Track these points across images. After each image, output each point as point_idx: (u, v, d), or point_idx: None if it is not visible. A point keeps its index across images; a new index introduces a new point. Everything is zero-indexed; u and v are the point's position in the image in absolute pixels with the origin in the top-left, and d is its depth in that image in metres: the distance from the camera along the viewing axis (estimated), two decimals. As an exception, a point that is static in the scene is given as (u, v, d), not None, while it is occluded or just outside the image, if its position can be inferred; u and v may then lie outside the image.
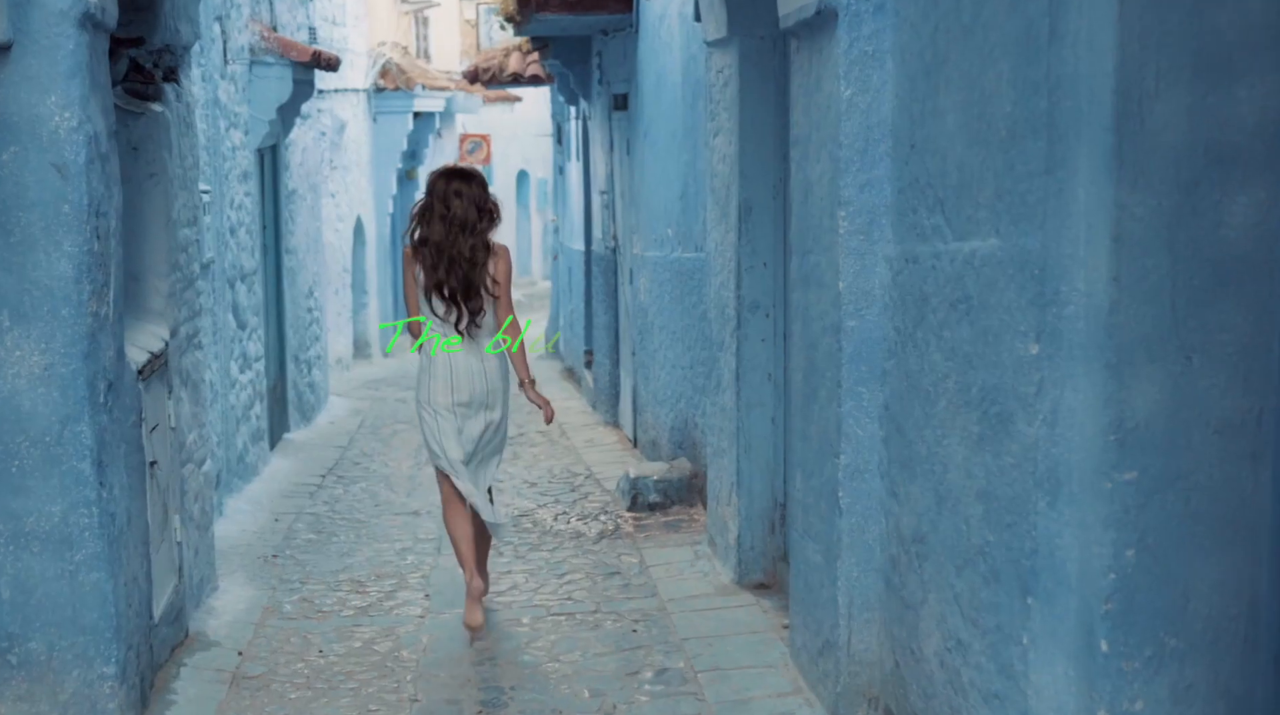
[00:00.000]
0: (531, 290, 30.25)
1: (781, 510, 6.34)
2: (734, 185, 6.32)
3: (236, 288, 9.20)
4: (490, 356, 5.93)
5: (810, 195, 4.83)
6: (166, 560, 5.42)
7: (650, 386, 9.67)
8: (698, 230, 7.93)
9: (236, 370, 9.15)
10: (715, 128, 6.68)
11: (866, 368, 4.44)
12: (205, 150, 8.27)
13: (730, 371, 6.44)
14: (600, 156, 11.85)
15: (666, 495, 8.19)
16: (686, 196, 8.24)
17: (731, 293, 6.38)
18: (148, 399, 5.13)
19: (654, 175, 9.34)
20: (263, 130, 10.02)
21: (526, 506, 8.70)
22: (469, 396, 5.88)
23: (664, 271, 8.98)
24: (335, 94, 17.31)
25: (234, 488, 8.90)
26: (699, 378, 8.01)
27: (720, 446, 6.69)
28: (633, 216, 10.31)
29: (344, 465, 10.49)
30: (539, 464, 10.31)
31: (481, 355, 5.90)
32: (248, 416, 9.44)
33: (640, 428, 10.27)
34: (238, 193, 9.30)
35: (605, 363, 11.89)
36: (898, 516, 4.27)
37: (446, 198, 5.86)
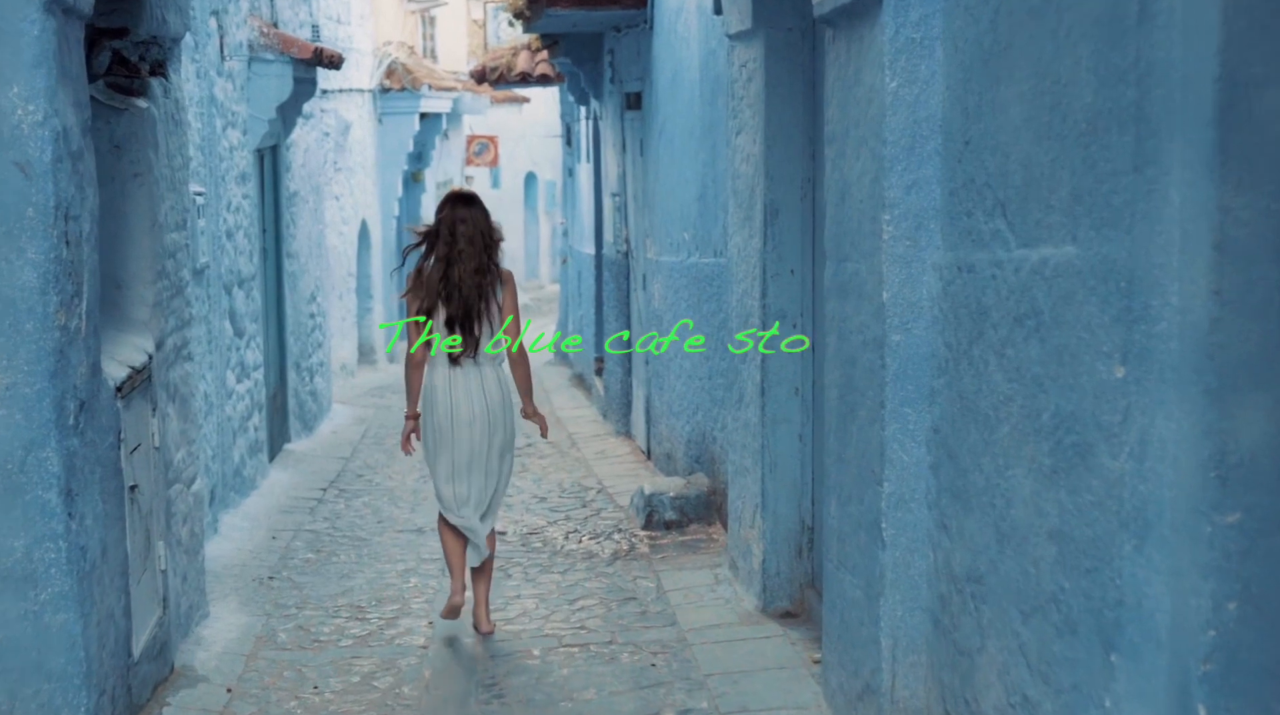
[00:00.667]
0: (539, 294, 29.87)
1: (810, 534, 5.94)
2: (759, 186, 5.92)
3: (233, 294, 8.82)
4: (490, 381, 5.96)
5: (848, 197, 4.43)
6: (149, 591, 5.03)
7: (665, 397, 9.27)
8: (717, 234, 7.53)
9: (233, 380, 8.76)
10: (737, 126, 6.29)
11: (913, 387, 4.04)
12: (199, 150, 7.88)
13: (754, 385, 6.04)
14: (612, 157, 11.45)
15: (683, 513, 7.79)
16: (705, 199, 7.84)
17: (756, 301, 5.98)
18: (128, 417, 4.74)
19: (669, 177, 8.94)
20: (262, 130, 9.63)
21: (536, 524, 8.30)
22: (468, 420, 5.91)
23: (680, 277, 8.59)
24: (339, 94, 16.94)
25: (230, 503, 8.51)
26: (718, 389, 7.61)
27: (743, 464, 6.29)
28: (646, 220, 9.92)
29: (346, 478, 10.10)
30: (548, 477, 9.91)
31: (480, 380, 5.93)
32: (245, 428, 9.05)
33: (654, 439, 9.88)
34: (235, 195, 8.91)
35: (617, 371, 11.50)
36: (948, 551, 3.86)
37: (453, 226, 5.86)
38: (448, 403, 5.90)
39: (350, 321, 17.31)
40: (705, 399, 7.98)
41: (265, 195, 10.52)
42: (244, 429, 9.02)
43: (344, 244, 17.01)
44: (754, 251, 6.00)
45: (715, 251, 7.57)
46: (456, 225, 5.85)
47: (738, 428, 6.40)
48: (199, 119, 7.86)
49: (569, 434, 11.85)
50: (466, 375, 5.90)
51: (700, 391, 8.11)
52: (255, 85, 9.54)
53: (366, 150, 18.20)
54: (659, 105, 9.26)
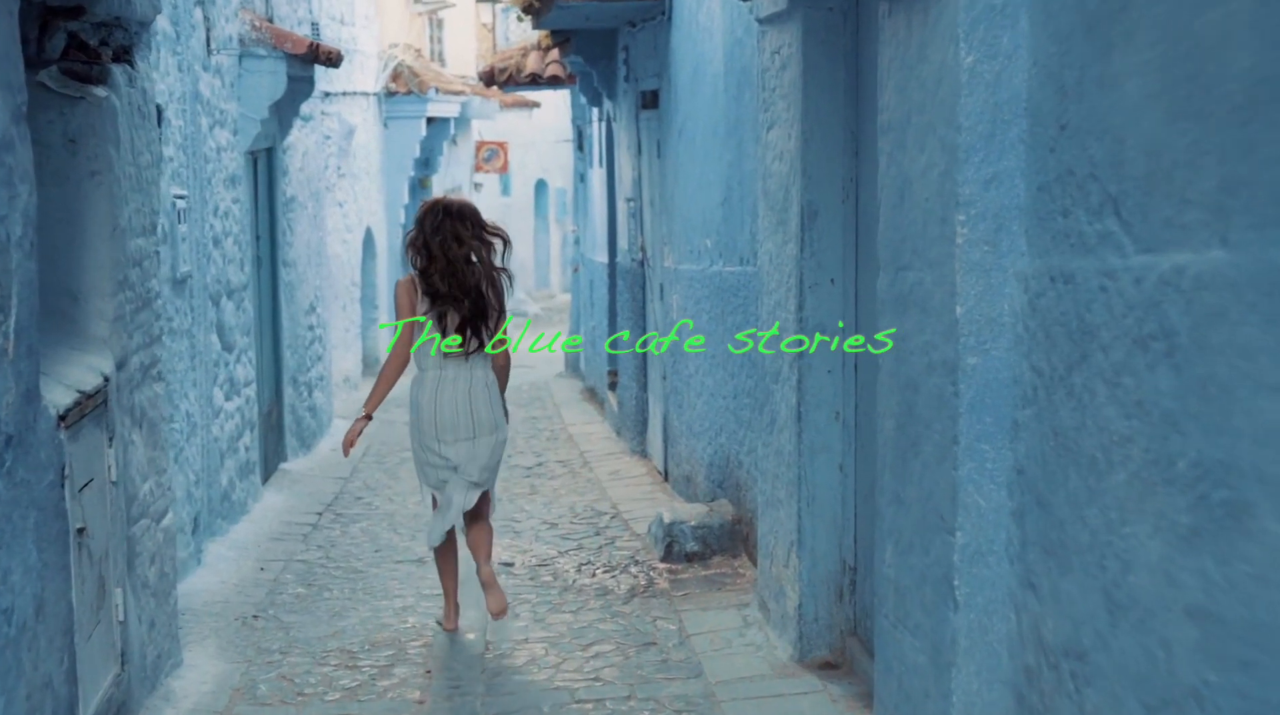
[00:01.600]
0: (550, 303, 29.27)
1: (852, 575, 5.30)
2: (794, 186, 5.29)
3: (221, 305, 8.21)
4: (479, 382, 5.93)
5: (908, 195, 3.80)
6: (104, 647, 4.41)
7: (685, 416, 8.64)
8: (743, 241, 6.91)
9: (221, 397, 8.15)
10: (769, 119, 5.67)
11: (992, 419, 3.40)
12: (182, 150, 7.28)
13: (789, 408, 5.41)
14: (626, 161, 10.83)
15: (706, 544, 7.16)
16: (730, 202, 7.21)
17: (791, 314, 5.35)
18: (76, 450, 4.12)
19: (690, 179, 8.32)
20: (254, 130, 9.02)
21: (545, 554, 7.67)
22: (464, 422, 5.89)
23: (701, 287, 7.96)
24: (342, 97, 16.35)
25: (216, 531, 7.89)
26: (744, 410, 6.98)
27: (775, 496, 5.66)
28: (664, 226, 9.29)
29: (343, 501, 9.48)
30: (559, 500, 9.29)
31: (469, 381, 5.91)
32: (234, 449, 8.44)
33: (672, 460, 9.25)
34: (224, 199, 8.31)
35: (631, 386, 10.87)
36: (1037, 616, 3.23)
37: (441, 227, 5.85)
38: (439, 406, 5.89)
39: (354, 333, 16.72)
40: (730, 420, 7.35)
41: (259, 200, 9.91)
42: (233, 450, 8.41)
43: (347, 252, 16.42)
44: (789, 259, 5.37)
45: (742, 259, 6.95)
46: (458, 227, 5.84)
47: (769, 455, 5.77)
48: (181, 116, 7.26)
49: (580, 452, 11.23)
50: (458, 377, 5.89)
51: (724, 411, 7.48)
52: (247, 83, 8.94)
53: (371, 155, 17.60)
54: (678, 103, 8.64)
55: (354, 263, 16.71)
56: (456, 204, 5.97)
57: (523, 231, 28.98)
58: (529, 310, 27.55)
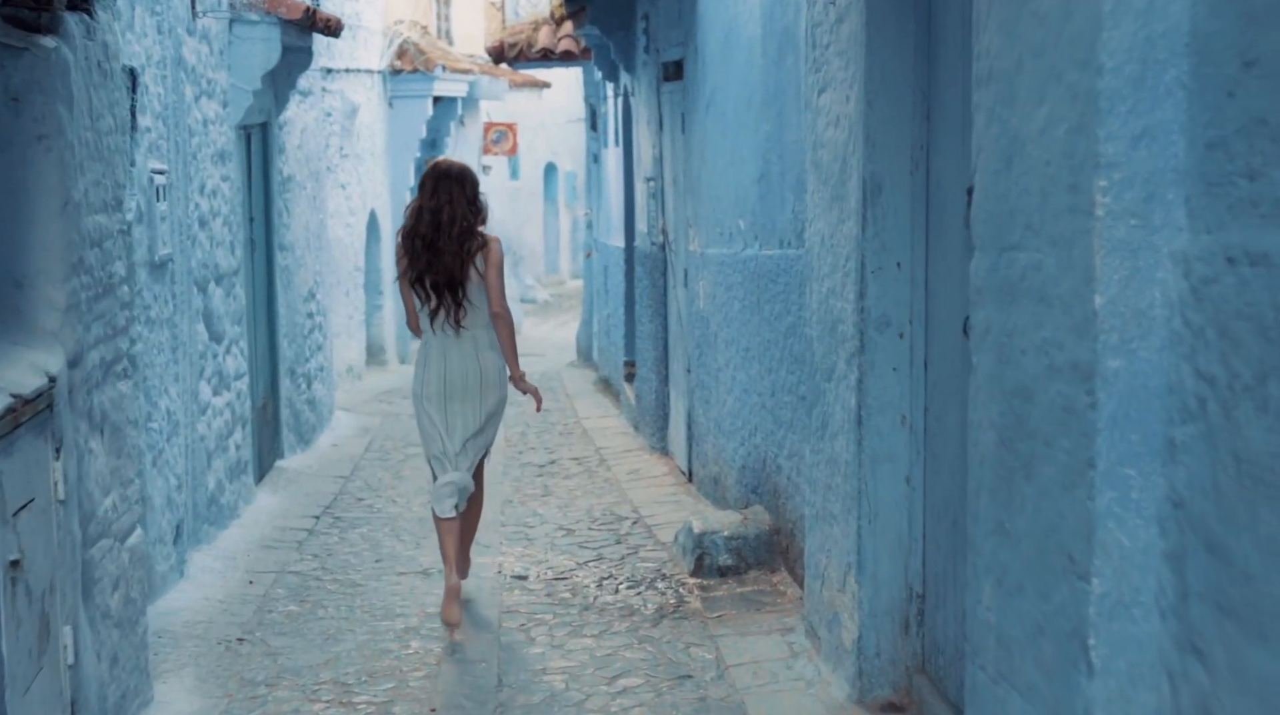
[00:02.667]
0: (560, 290, 28.58)
1: (920, 603, 4.61)
2: (855, 156, 4.60)
3: (209, 292, 7.52)
4: (483, 347, 5.96)
5: (1019, 159, 3.10)
6: (47, 697, 3.72)
7: (712, 412, 7.95)
8: (784, 221, 6.21)
9: (208, 392, 7.47)
10: (821, 81, 4.97)
11: (1139, 437, 2.70)
12: (162, 120, 6.60)
13: (847, 411, 4.72)
14: (646, 138, 10.13)
15: (741, 556, 6.47)
16: (768, 178, 6.51)
17: (850, 304, 4.66)
18: (9, 466, 3.44)
19: (719, 155, 7.62)
20: (245, 102, 8.33)
21: (563, 566, 6.99)
22: (461, 387, 5.93)
23: (733, 272, 7.26)
24: (346, 74, 15.65)
25: (203, 539, 7.22)
26: (783, 408, 6.29)
27: (828, 510, 4.97)
28: (688, 206, 8.59)
29: (343, 502, 8.80)
30: (575, 502, 8.60)
31: (473, 346, 5.94)
32: (223, 448, 7.76)
33: (697, 459, 8.56)
34: (212, 176, 7.62)
35: (651, 378, 10.18)
36: (1205, 692, 2.54)
37: (435, 193, 5.91)
38: (439, 371, 5.94)
39: (358, 320, 16.03)
40: (766, 419, 6.66)
41: (253, 179, 9.23)
42: (222, 449, 7.73)
43: (350, 236, 15.73)
44: (847, 240, 4.68)
45: (782, 241, 6.25)
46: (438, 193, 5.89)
47: (820, 463, 5.08)
48: (160, 83, 6.57)
49: (597, 449, 10.54)
50: (458, 344, 5.92)
51: (759, 409, 6.79)
52: (238, 50, 8.25)
53: (376, 136, 16.91)
54: (706, 73, 7.94)
55: (357, 247, 16.03)
56: (449, 167, 6.05)
57: (531, 216, 28.29)
58: (538, 297, 26.85)
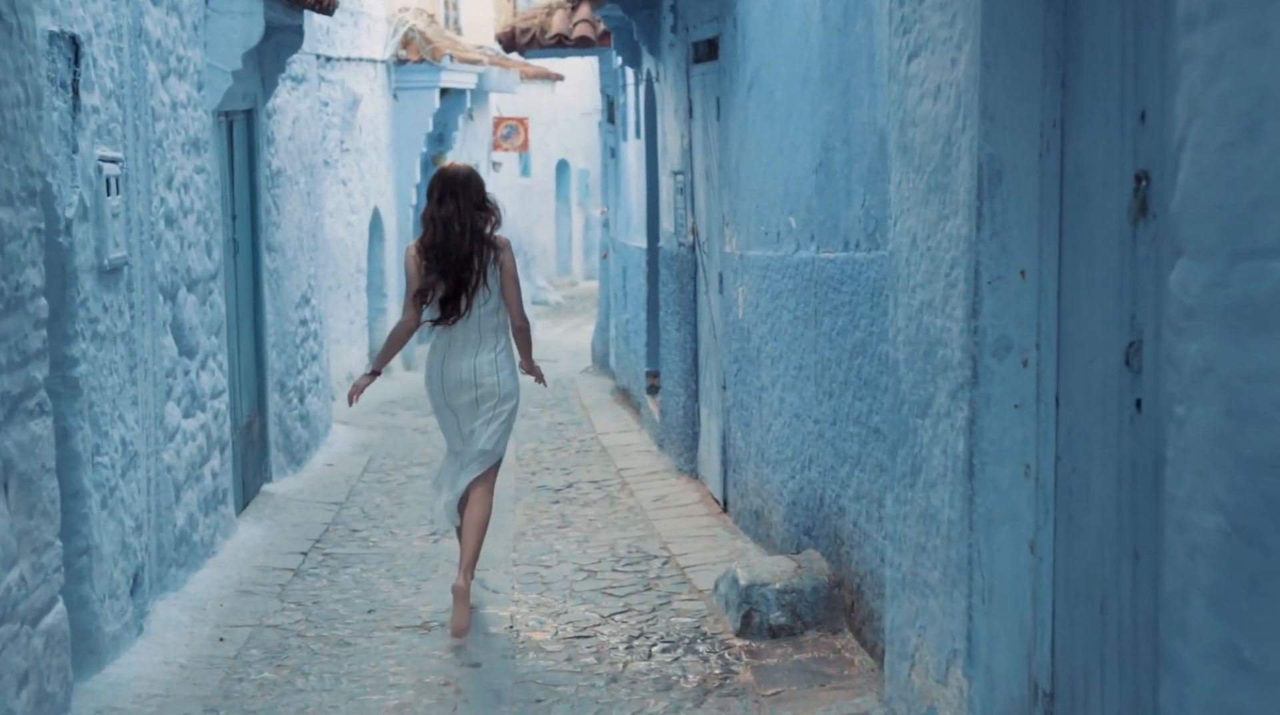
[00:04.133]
0: (572, 291, 27.61)
1: (1048, 703, 3.63)
2: (965, 135, 3.61)
3: (179, 299, 6.56)
4: (495, 350, 6.00)
5: (1270, 127, 2.12)
6: None
7: (754, 437, 6.97)
8: (850, 217, 5.23)
9: (178, 415, 6.50)
10: (913, 43, 3.99)
11: None
12: (116, 100, 5.63)
13: (951, 456, 3.74)
14: (673, 127, 9.15)
15: (796, 614, 5.50)
16: (829, 168, 5.53)
17: (957, 322, 3.67)
18: None
19: (764, 143, 6.64)
20: (224, 85, 7.36)
21: (584, 619, 6.01)
22: (472, 396, 5.98)
23: (782, 278, 6.28)
24: (347, 63, 14.69)
25: (168, 585, 6.25)
26: (848, 441, 5.32)
27: (920, 576, 4.00)
28: (724, 203, 7.62)
29: (335, 535, 7.83)
30: (596, 536, 7.63)
31: (482, 354, 5.98)
32: (196, 477, 6.79)
33: (734, 488, 7.58)
34: (183, 167, 6.66)
35: (678, 392, 9.21)
36: None
37: (442, 201, 5.93)
38: (444, 376, 6.01)
39: (360, 325, 15.08)
40: (825, 451, 5.68)
41: (235, 172, 8.27)
42: (194, 479, 6.77)
43: (352, 236, 14.77)
44: (952, 241, 3.70)
45: (847, 242, 5.28)
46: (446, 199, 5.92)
47: (910, 517, 4.10)
48: (114, 56, 5.61)
49: (618, 470, 9.56)
50: (466, 349, 5.98)
51: (816, 438, 5.81)
52: (215, 25, 7.29)
53: (379, 129, 15.95)
54: (748, 49, 6.95)
55: (359, 247, 15.07)
56: (455, 172, 6.05)
57: (543, 215, 27.32)
58: (549, 298, 25.88)
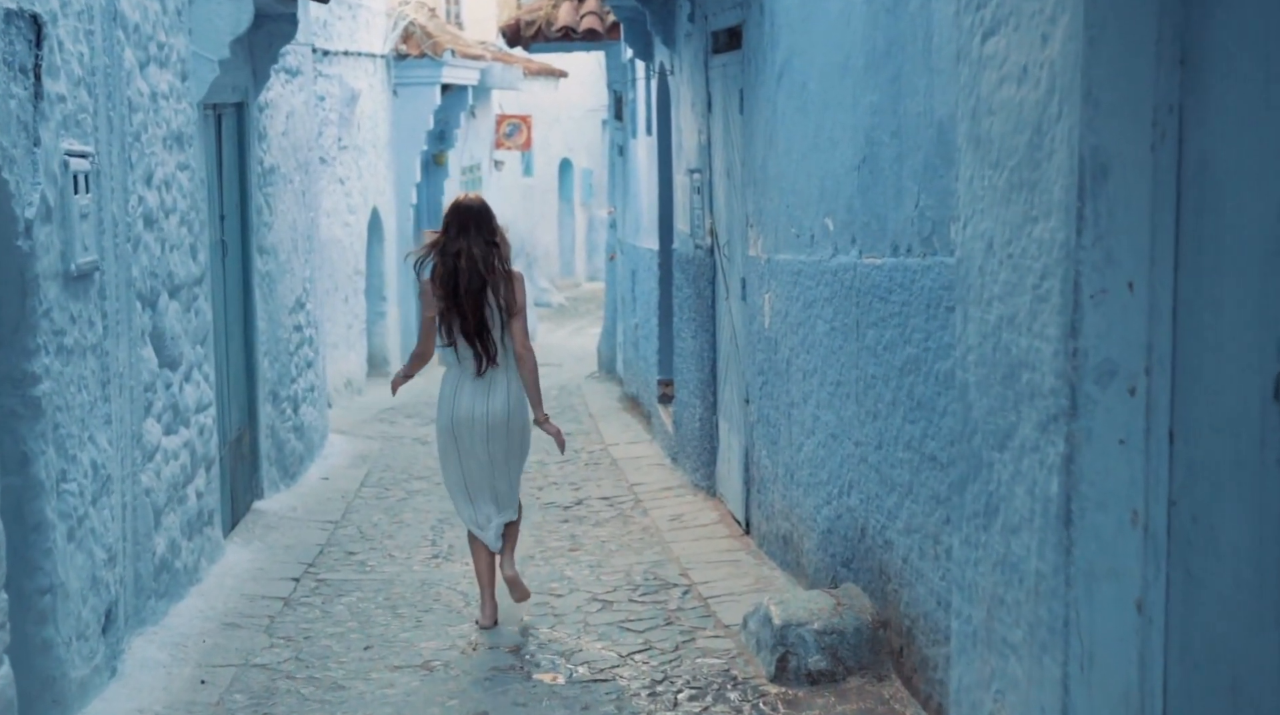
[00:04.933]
0: (576, 293, 27.09)
1: (1157, 791, 3.10)
2: (1062, 123, 3.08)
3: (159, 307, 6.03)
4: (506, 385, 5.97)
5: None
6: None
7: (782, 456, 6.44)
8: (902, 219, 4.70)
9: (158, 432, 5.98)
10: (989, 19, 3.46)
11: None
12: (85, 88, 5.10)
13: (1040, 498, 3.21)
14: (689, 122, 8.63)
15: (837, 658, 4.97)
16: (874, 164, 5.00)
17: (1050, 342, 3.14)
18: None
19: (796, 137, 6.11)
20: (210, 75, 6.83)
21: (600, 657, 5.48)
22: (485, 425, 5.94)
23: (816, 285, 5.76)
24: (345, 57, 14.18)
25: (147, 618, 5.73)
26: (897, 467, 4.79)
27: (999, 634, 3.46)
28: (748, 202, 7.08)
29: (330, 558, 7.30)
30: (610, 560, 7.10)
31: (495, 386, 5.95)
32: (179, 499, 6.27)
33: (758, 509, 7.05)
34: (164, 163, 6.13)
35: (694, 404, 8.68)
36: None
37: (457, 237, 5.87)
38: (457, 409, 5.96)
39: (358, 329, 14.57)
40: (868, 476, 5.15)
41: (224, 169, 7.74)
42: (177, 500, 6.24)
43: (350, 237, 14.26)
44: (1043, 247, 3.16)
45: (897, 246, 4.75)
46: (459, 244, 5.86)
47: (985, 564, 3.57)
48: (84, 40, 5.08)
49: (630, 486, 9.03)
50: (481, 383, 5.94)
51: (857, 463, 5.28)
52: (200, 11, 6.76)
53: (379, 126, 15.43)
54: (777, 36, 6.42)
55: (358, 248, 14.55)
56: (469, 206, 6.00)
57: (546, 215, 26.79)
58: (552, 300, 25.35)
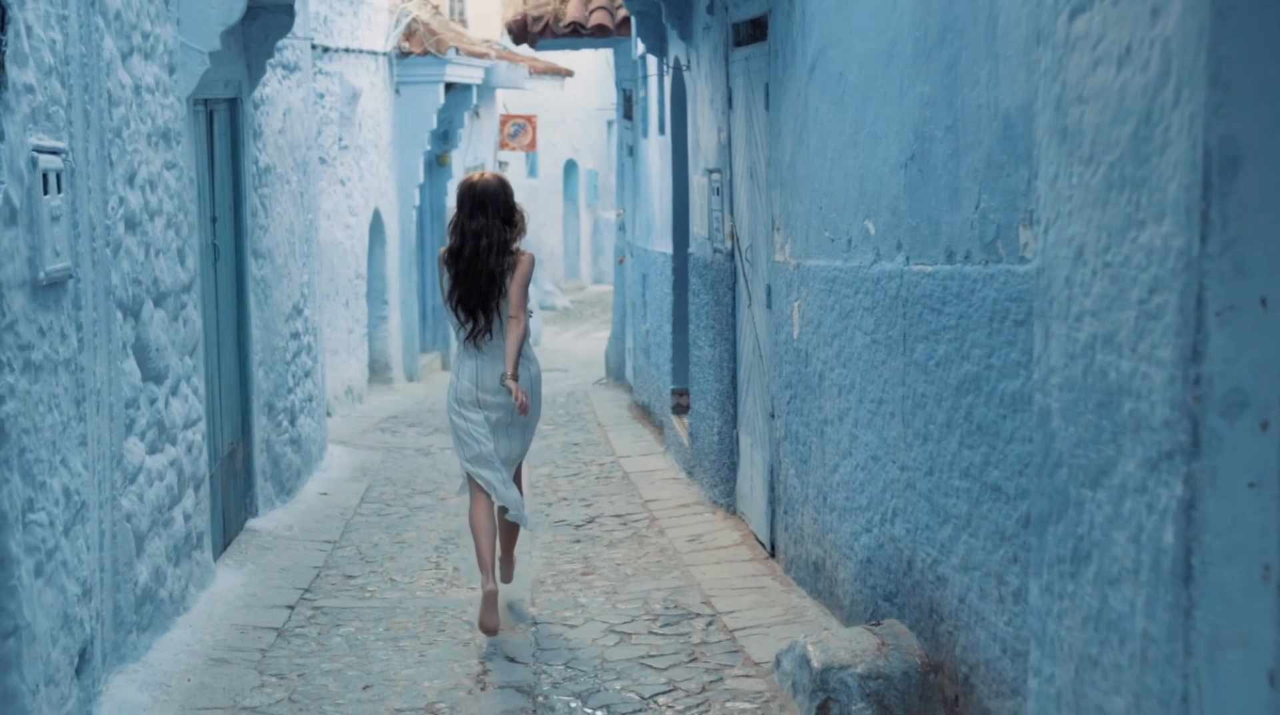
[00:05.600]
0: (580, 296, 26.64)
1: None
2: (1179, 110, 2.63)
3: (143, 316, 5.58)
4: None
5: None
6: None
7: (813, 476, 5.99)
8: (959, 223, 4.24)
9: (140, 452, 5.52)
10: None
11: None
12: (58, 78, 4.65)
13: (1150, 549, 2.75)
14: (708, 120, 8.18)
15: (883, 705, 4.51)
16: (924, 161, 4.54)
17: (1164, 367, 2.68)
18: None
19: (831, 133, 5.65)
20: (200, 68, 6.38)
21: (621, 702, 5.02)
22: (494, 401, 5.99)
23: (855, 293, 5.30)
24: (346, 54, 13.74)
25: (127, 655, 5.27)
26: (952, 497, 4.33)
27: (1094, 701, 3.00)
28: (774, 203, 6.63)
29: (328, 582, 6.85)
30: (627, 586, 6.65)
31: (499, 357, 5.98)
32: (165, 522, 5.82)
33: (785, 531, 6.59)
34: (149, 162, 5.68)
35: (711, 416, 8.23)
36: None
37: (472, 215, 5.96)
38: (472, 377, 6.02)
39: (359, 334, 14.11)
40: (916, 504, 4.69)
41: (216, 169, 7.29)
42: (162, 524, 5.79)
43: (351, 239, 13.81)
44: (1153, 254, 2.71)
45: (953, 252, 4.29)
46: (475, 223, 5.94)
47: (1068, 616, 3.11)
48: (57, 26, 4.62)
49: (644, 502, 8.58)
50: (490, 358, 6.00)
51: (903, 488, 4.83)
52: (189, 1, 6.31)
53: (380, 126, 14.98)
54: (809, 24, 5.97)
55: (359, 251, 14.10)
56: (482, 185, 6.03)
57: (551, 217, 26.33)
58: (557, 304, 24.90)
